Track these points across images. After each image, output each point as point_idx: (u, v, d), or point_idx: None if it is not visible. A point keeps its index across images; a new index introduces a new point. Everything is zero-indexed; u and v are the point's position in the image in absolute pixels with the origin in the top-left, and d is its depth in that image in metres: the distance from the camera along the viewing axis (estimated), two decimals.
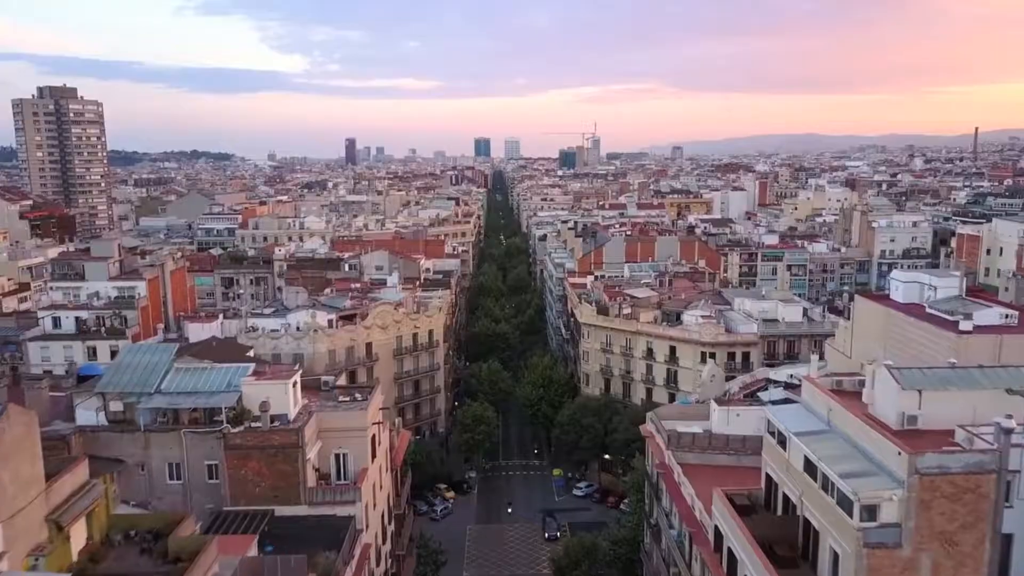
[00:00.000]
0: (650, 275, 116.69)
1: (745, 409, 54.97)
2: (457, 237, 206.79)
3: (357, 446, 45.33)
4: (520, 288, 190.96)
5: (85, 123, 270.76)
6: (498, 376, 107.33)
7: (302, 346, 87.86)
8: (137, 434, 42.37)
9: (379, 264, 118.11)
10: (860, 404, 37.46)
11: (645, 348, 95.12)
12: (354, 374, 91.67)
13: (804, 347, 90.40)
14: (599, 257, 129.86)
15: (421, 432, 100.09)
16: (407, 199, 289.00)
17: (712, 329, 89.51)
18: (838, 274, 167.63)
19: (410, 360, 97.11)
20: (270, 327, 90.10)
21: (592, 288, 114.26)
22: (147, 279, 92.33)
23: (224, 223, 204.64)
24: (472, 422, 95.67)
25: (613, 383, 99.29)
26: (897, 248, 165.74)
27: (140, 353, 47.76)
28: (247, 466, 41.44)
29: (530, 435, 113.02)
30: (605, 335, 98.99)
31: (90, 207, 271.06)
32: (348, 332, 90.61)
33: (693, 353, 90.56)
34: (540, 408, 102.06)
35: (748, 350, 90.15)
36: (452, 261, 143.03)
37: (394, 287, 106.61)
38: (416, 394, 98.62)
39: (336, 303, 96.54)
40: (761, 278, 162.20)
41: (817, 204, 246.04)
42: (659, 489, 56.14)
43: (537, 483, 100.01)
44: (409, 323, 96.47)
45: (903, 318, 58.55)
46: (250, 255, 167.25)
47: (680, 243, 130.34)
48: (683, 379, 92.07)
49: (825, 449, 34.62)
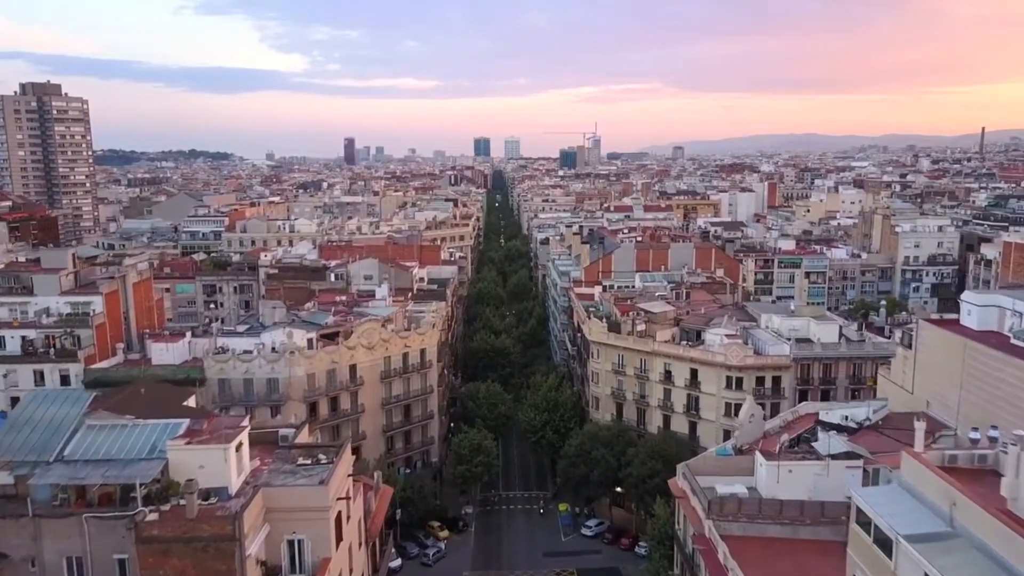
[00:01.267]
0: (664, 286, 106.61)
1: (798, 465, 45.02)
2: (455, 240, 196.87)
3: (316, 530, 35.29)
4: (521, 294, 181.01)
5: (69, 121, 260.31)
6: (498, 398, 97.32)
7: (277, 370, 77.87)
8: (25, 519, 32.43)
9: (368, 273, 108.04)
10: (995, 495, 27.51)
11: (663, 370, 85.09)
12: (336, 400, 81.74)
13: (841, 371, 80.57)
14: (607, 265, 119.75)
15: (412, 463, 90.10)
16: (404, 200, 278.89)
17: (739, 351, 79.48)
18: (859, 282, 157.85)
19: (399, 383, 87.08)
20: (243, 347, 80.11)
21: (601, 300, 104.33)
22: (104, 293, 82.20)
23: (210, 225, 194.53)
24: (469, 453, 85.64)
25: (626, 408, 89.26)
26: (922, 254, 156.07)
27: (44, 404, 37.85)
28: (167, 564, 31.47)
29: (533, 463, 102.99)
30: (617, 355, 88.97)
31: (74, 208, 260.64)
32: (329, 353, 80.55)
33: (717, 377, 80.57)
34: (544, 435, 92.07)
35: (779, 375, 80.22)
36: (449, 268, 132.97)
37: (383, 300, 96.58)
38: (406, 421, 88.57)
39: (318, 319, 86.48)
40: (778, 286, 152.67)
41: (830, 206, 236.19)
42: (695, 564, 46.03)
43: (540, 519, 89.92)
44: (399, 342, 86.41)
45: (986, 351, 48.47)
46: (234, 261, 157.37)
47: (695, 250, 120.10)
48: (706, 406, 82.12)
49: (958, 568, 24.64)
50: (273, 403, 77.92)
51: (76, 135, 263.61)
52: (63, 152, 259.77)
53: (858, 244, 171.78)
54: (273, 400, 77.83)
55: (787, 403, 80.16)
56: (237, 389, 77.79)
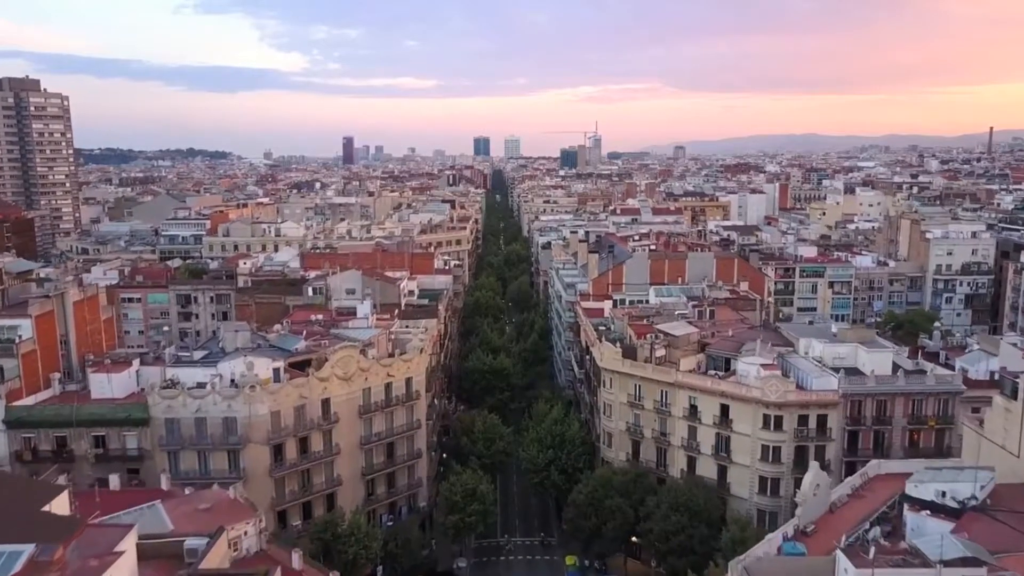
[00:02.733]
0: (683, 301, 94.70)
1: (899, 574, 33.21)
2: (451, 245, 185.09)
3: None
4: (521, 302, 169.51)
5: (48, 118, 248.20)
6: (495, 432, 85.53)
7: (235, 407, 65.93)
8: None
9: (350, 287, 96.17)
10: None
11: (687, 405, 73.22)
12: (306, 441, 69.80)
13: (898, 409, 68.66)
14: (618, 277, 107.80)
15: (397, 509, 78.19)
16: (400, 201, 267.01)
17: (779, 385, 67.61)
18: (886, 292, 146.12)
19: (381, 419, 75.13)
20: (197, 379, 68.28)
21: (612, 318, 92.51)
22: (35, 315, 70.32)
23: (191, 229, 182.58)
24: (462, 500, 73.76)
25: (644, 447, 77.36)
26: (955, 263, 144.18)
27: None
28: None
29: (535, 503, 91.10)
30: (633, 385, 77.09)
31: (53, 210, 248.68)
32: (298, 387, 68.59)
33: (753, 415, 68.72)
34: (549, 475, 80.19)
35: (826, 413, 68.36)
36: (442, 278, 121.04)
37: (365, 318, 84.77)
38: (389, 461, 76.59)
39: (287, 344, 74.56)
40: (800, 296, 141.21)
41: (847, 209, 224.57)
42: None
43: (545, 572, 78.19)
44: (380, 371, 74.45)
45: None
46: (211, 268, 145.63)
47: (716, 260, 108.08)
48: (738, 448, 70.30)
49: None
50: (230, 446, 66.08)
51: (55, 133, 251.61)
52: (41, 150, 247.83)
53: (883, 251, 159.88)
54: (230, 443, 65.98)
55: (834, 446, 68.76)
56: (188, 430, 65.91)
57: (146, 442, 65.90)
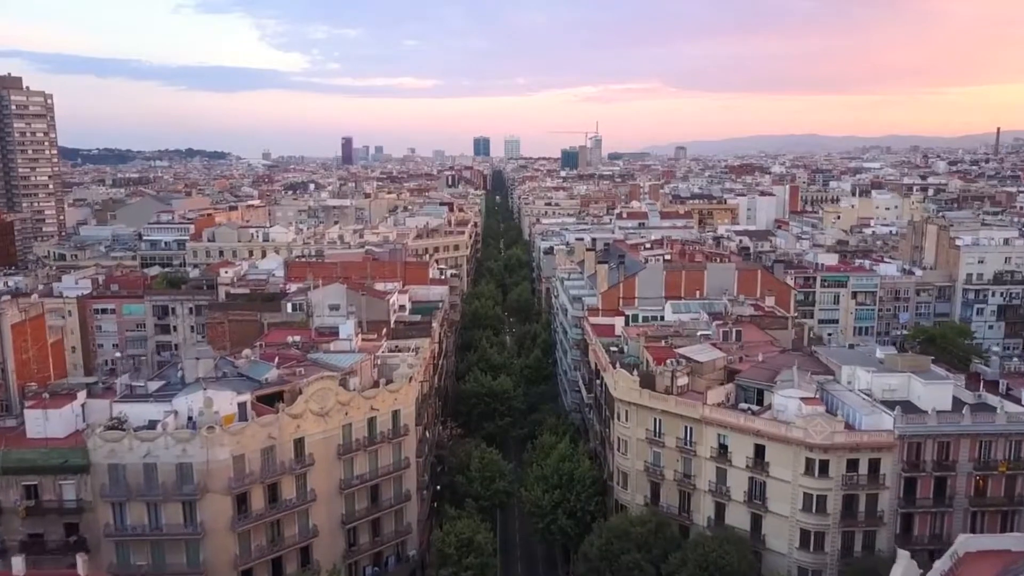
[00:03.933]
0: (703, 319, 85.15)
1: None
2: (449, 251, 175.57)
3: None
4: (522, 311, 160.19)
5: (30, 117, 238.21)
6: (494, 470, 75.91)
7: (190, 452, 56.35)
8: None
9: (334, 303, 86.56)
10: None
11: (715, 444, 63.72)
12: (275, 488, 60.27)
13: (963, 453, 59.18)
14: (630, 290, 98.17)
15: (383, 560, 68.62)
16: (396, 203, 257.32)
17: (825, 424, 58.09)
18: (913, 303, 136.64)
19: (364, 459, 65.55)
20: (148, 416, 58.75)
21: (625, 338, 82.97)
22: None
23: (174, 234, 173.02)
24: (456, 551, 64.21)
25: (665, 490, 67.78)
26: (987, 271, 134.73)
27: None
28: None
29: (541, 553, 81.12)
30: (653, 419, 67.56)
31: (35, 212, 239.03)
32: (265, 425, 59.03)
33: (794, 458, 59.23)
34: (556, 520, 70.54)
35: (879, 457, 58.89)
36: (438, 289, 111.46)
37: (349, 340, 75.24)
38: (374, 507, 67.00)
39: (257, 372, 65.01)
40: (820, 308, 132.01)
41: (863, 212, 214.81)
42: None
43: None
44: (363, 404, 64.92)
45: None
46: (191, 277, 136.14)
47: (738, 272, 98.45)
48: (775, 495, 60.83)
49: None
50: (185, 497, 56.56)
51: (38, 132, 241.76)
52: (23, 151, 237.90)
53: (908, 259, 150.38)
54: (185, 493, 56.45)
55: (887, 494, 59.34)
56: (135, 478, 56.37)
57: (86, 492, 56.40)
